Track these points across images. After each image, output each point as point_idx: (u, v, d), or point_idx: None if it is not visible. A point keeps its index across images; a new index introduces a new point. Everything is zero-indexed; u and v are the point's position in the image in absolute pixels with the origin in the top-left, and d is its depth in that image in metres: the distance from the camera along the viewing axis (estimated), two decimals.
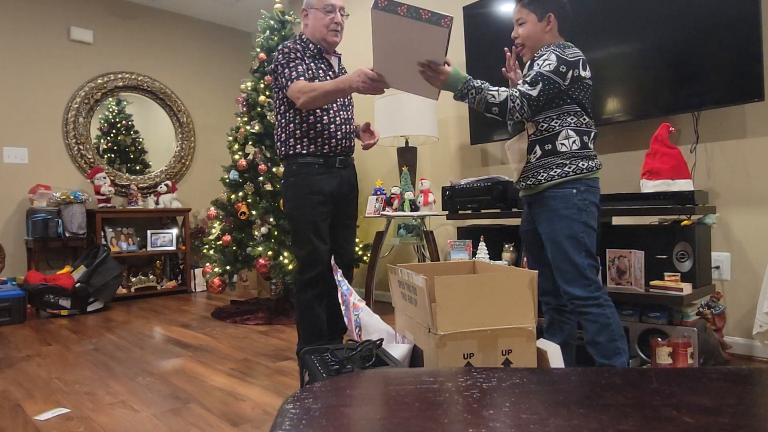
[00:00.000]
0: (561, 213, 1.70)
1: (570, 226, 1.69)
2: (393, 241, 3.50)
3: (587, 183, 1.71)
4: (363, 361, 1.36)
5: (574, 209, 1.69)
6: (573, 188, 1.69)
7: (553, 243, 1.72)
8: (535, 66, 1.69)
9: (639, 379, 0.68)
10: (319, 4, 2.23)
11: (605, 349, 1.66)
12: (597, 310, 1.67)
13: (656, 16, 2.44)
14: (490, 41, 3.13)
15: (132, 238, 4.57)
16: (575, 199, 1.69)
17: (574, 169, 1.69)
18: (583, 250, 1.68)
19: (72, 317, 3.68)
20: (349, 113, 2.32)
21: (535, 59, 1.73)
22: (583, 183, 1.70)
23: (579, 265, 1.68)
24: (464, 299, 1.40)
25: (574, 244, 1.68)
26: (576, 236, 1.68)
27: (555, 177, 1.70)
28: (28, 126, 4.32)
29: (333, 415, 0.57)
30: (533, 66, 1.72)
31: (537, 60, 1.70)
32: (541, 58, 1.68)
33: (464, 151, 3.57)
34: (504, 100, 1.64)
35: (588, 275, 1.68)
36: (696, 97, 2.35)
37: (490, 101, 1.65)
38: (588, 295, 1.68)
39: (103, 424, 1.75)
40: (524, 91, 1.65)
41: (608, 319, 1.66)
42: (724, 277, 2.43)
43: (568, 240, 1.68)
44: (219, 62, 5.50)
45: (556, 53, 1.66)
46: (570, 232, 1.69)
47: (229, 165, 3.71)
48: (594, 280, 1.69)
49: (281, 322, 3.34)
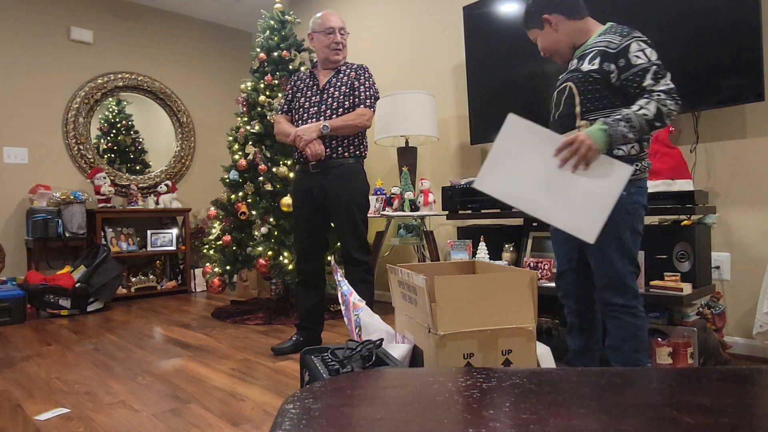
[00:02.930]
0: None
1: (616, 230, 1.57)
2: (393, 241, 3.50)
3: (638, 184, 1.60)
4: (363, 361, 1.36)
5: (622, 212, 1.57)
6: (624, 190, 1.53)
7: (595, 246, 1.59)
8: (637, 60, 1.53)
9: (639, 379, 0.68)
10: (321, 28, 2.49)
11: (626, 358, 1.60)
12: (629, 318, 1.60)
13: (656, 16, 2.44)
14: (490, 41, 3.13)
15: (132, 238, 4.57)
16: (624, 202, 1.55)
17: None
18: (627, 256, 1.59)
19: (72, 317, 3.68)
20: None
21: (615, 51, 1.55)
22: (633, 185, 1.58)
23: (620, 272, 1.59)
24: (464, 299, 1.40)
25: (619, 250, 1.59)
26: (622, 241, 1.59)
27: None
28: (28, 126, 4.32)
29: (333, 415, 0.57)
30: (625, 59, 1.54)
31: (632, 54, 1.53)
32: (638, 51, 1.53)
33: (464, 151, 3.57)
34: (657, 110, 1.48)
35: (628, 283, 1.60)
36: (696, 97, 2.34)
37: (649, 119, 1.48)
38: (624, 303, 1.60)
39: (103, 424, 1.75)
40: (665, 88, 1.50)
41: (638, 330, 1.59)
42: (724, 277, 2.43)
43: (614, 244, 1.59)
44: (219, 62, 5.49)
45: (640, 40, 1.54)
46: (615, 237, 1.58)
47: (229, 165, 3.71)
48: (632, 288, 1.60)
49: (281, 322, 3.34)
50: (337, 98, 2.45)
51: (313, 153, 2.37)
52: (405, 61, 3.98)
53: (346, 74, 2.50)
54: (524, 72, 2.97)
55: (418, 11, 3.87)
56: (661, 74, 1.53)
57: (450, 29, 3.61)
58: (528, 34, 1.80)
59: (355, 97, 2.46)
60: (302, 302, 2.62)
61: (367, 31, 4.29)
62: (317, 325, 2.62)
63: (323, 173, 2.45)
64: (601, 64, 1.58)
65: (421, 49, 3.85)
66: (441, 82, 3.69)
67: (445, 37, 3.65)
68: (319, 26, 2.50)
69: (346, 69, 2.52)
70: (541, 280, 2.38)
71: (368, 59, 4.21)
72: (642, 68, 1.53)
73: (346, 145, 2.45)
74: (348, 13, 4.42)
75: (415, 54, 3.90)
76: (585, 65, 1.62)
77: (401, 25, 4.00)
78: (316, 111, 2.47)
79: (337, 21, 2.49)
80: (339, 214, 2.46)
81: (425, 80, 3.81)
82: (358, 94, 2.45)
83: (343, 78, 2.49)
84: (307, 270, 2.57)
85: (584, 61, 1.63)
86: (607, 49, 1.58)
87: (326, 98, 2.47)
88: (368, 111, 2.45)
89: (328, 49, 2.49)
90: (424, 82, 3.81)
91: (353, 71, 2.51)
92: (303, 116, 2.49)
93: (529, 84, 2.95)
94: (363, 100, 2.44)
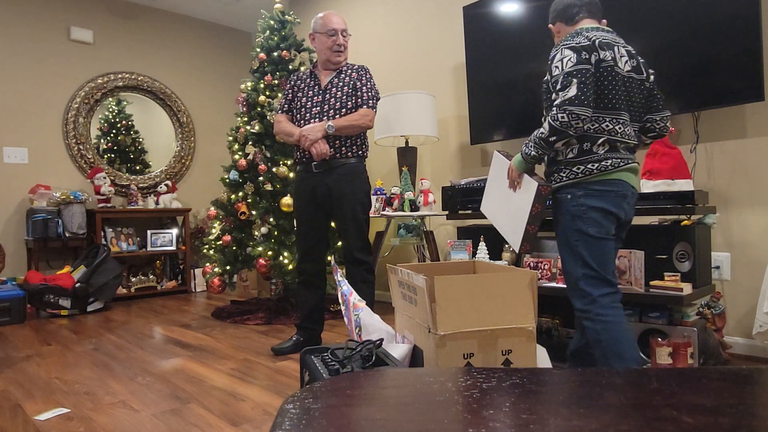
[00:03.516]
0: (557, 219, 1.69)
1: (564, 234, 1.65)
2: (393, 241, 3.50)
3: (587, 187, 1.61)
4: (363, 361, 1.36)
5: (567, 216, 1.64)
6: (568, 194, 1.64)
7: (558, 250, 1.72)
8: (555, 71, 1.58)
9: (639, 379, 0.68)
10: (323, 29, 2.49)
11: (599, 364, 1.62)
12: (588, 324, 1.61)
13: (656, 16, 2.44)
14: (490, 41, 3.13)
15: (132, 238, 4.57)
16: (568, 205, 1.63)
17: (567, 174, 1.63)
18: (579, 259, 1.61)
19: (72, 317, 3.68)
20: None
21: (549, 61, 1.64)
22: (578, 187, 1.62)
23: (573, 275, 1.63)
24: (464, 299, 1.40)
25: (570, 253, 1.64)
26: (570, 244, 1.63)
27: (555, 181, 1.68)
28: (28, 126, 4.32)
29: (333, 415, 0.57)
30: (549, 70, 1.63)
31: (553, 65, 1.61)
32: (558, 62, 1.58)
33: (464, 151, 3.57)
34: (549, 127, 1.55)
35: (581, 286, 1.61)
36: (696, 97, 2.34)
37: (544, 136, 1.57)
38: (580, 307, 1.63)
39: (103, 424, 1.75)
40: (559, 101, 1.53)
41: (598, 335, 1.58)
42: (724, 277, 2.43)
43: (564, 248, 1.66)
44: (219, 62, 5.49)
45: (566, 47, 1.58)
46: (564, 241, 1.65)
47: (229, 165, 3.71)
48: (587, 292, 1.60)
49: (281, 322, 3.34)
50: (340, 98, 2.46)
51: (318, 152, 2.37)
52: (405, 61, 3.98)
53: (347, 75, 2.50)
54: (524, 72, 2.97)
55: (418, 11, 3.87)
56: (564, 83, 1.53)
57: (450, 29, 3.61)
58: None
59: (357, 98, 2.46)
60: (302, 302, 2.61)
61: (368, 31, 4.29)
62: (317, 325, 2.61)
63: (327, 173, 2.45)
64: (546, 74, 1.67)
65: (421, 49, 3.85)
66: (441, 82, 3.69)
67: (445, 37, 3.65)
68: (321, 27, 2.50)
69: (347, 69, 2.53)
70: (541, 280, 2.38)
71: (368, 59, 4.21)
72: (554, 80, 1.58)
73: (349, 145, 2.45)
74: (348, 13, 4.42)
75: (415, 54, 3.90)
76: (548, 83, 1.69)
77: (401, 25, 4.00)
78: (319, 111, 2.46)
79: (339, 22, 2.50)
80: (343, 214, 2.46)
81: (425, 80, 3.81)
82: (361, 94, 2.46)
83: (345, 78, 2.49)
84: (308, 270, 2.57)
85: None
86: (548, 59, 1.66)
87: (329, 98, 2.47)
88: (371, 111, 2.45)
89: (330, 51, 2.49)
90: (424, 82, 3.81)
91: (355, 72, 2.51)
92: (305, 116, 2.49)
93: (529, 84, 2.95)
94: (365, 100, 2.45)
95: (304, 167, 2.51)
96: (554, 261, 2.39)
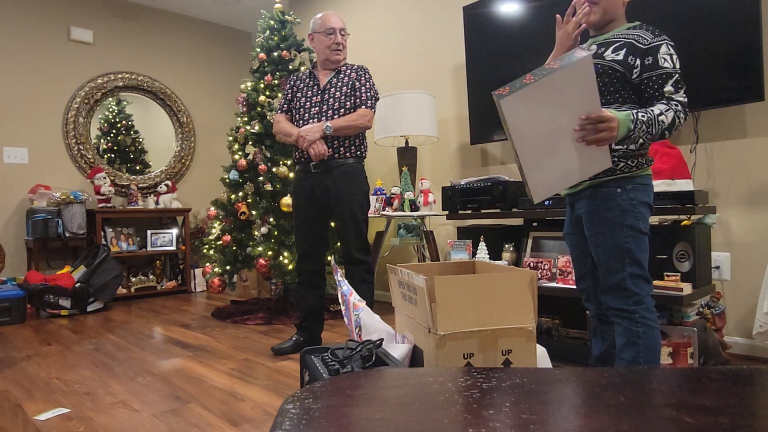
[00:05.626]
0: (602, 215, 1.55)
1: (611, 229, 1.53)
2: (393, 241, 3.50)
3: (636, 181, 1.53)
4: (363, 361, 1.36)
5: (617, 210, 1.53)
6: (617, 187, 1.52)
7: (595, 246, 1.58)
8: (664, 62, 1.49)
9: (639, 379, 0.68)
10: (321, 29, 2.51)
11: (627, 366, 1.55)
12: (629, 325, 1.53)
13: (656, 16, 2.44)
14: (490, 41, 3.13)
15: (132, 238, 4.57)
16: (619, 199, 1.52)
17: (621, 167, 1.53)
18: (627, 257, 1.53)
19: (72, 317, 3.68)
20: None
21: (645, 47, 1.50)
22: (629, 181, 1.53)
23: (618, 274, 1.54)
24: (464, 299, 1.40)
25: (616, 250, 1.53)
26: (618, 241, 1.53)
27: (599, 175, 1.53)
28: (28, 126, 4.32)
29: (333, 415, 0.57)
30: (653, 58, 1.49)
31: (661, 54, 1.49)
32: (667, 55, 1.50)
33: (464, 151, 3.57)
34: (672, 120, 1.45)
35: (627, 286, 1.53)
36: (696, 97, 2.34)
37: (665, 127, 1.45)
38: (623, 307, 1.55)
39: (103, 424, 1.75)
40: (682, 100, 1.47)
41: (637, 338, 1.51)
42: (724, 277, 2.43)
43: (610, 244, 1.54)
44: (219, 62, 5.49)
45: (670, 44, 1.50)
46: (611, 236, 1.53)
47: (229, 165, 3.71)
48: (633, 292, 1.53)
49: (281, 322, 3.34)
50: (339, 99, 2.46)
51: (316, 153, 2.37)
52: (405, 61, 3.98)
53: (346, 75, 2.51)
54: (524, 72, 2.96)
55: (418, 11, 3.87)
56: (681, 84, 1.49)
57: (450, 29, 3.61)
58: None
59: (356, 98, 2.46)
60: (302, 302, 2.62)
61: (367, 31, 4.29)
62: (317, 325, 2.62)
63: (325, 173, 2.45)
64: (627, 57, 1.52)
65: (421, 49, 3.85)
66: (441, 82, 3.69)
67: (445, 37, 3.65)
68: (319, 27, 2.51)
69: (346, 69, 2.53)
70: (541, 280, 2.38)
71: (368, 59, 4.21)
72: (666, 72, 1.49)
73: (348, 146, 2.45)
74: (348, 13, 4.42)
75: (415, 54, 3.90)
76: (608, 54, 1.54)
77: (401, 25, 4.00)
78: (318, 111, 2.47)
79: (337, 22, 2.50)
80: (342, 214, 2.46)
81: (425, 80, 3.81)
82: (359, 95, 2.46)
83: (344, 78, 2.49)
84: (307, 270, 2.57)
85: (608, 49, 1.55)
86: (636, 44, 1.52)
87: (327, 98, 2.47)
88: (369, 112, 2.45)
89: (329, 50, 2.50)
90: (424, 82, 3.81)
91: (354, 72, 2.51)
92: (304, 116, 2.50)
93: None
94: (364, 101, 2.45)
95: (302, 167, 2.53)
96: (554, 261, 2.39)
